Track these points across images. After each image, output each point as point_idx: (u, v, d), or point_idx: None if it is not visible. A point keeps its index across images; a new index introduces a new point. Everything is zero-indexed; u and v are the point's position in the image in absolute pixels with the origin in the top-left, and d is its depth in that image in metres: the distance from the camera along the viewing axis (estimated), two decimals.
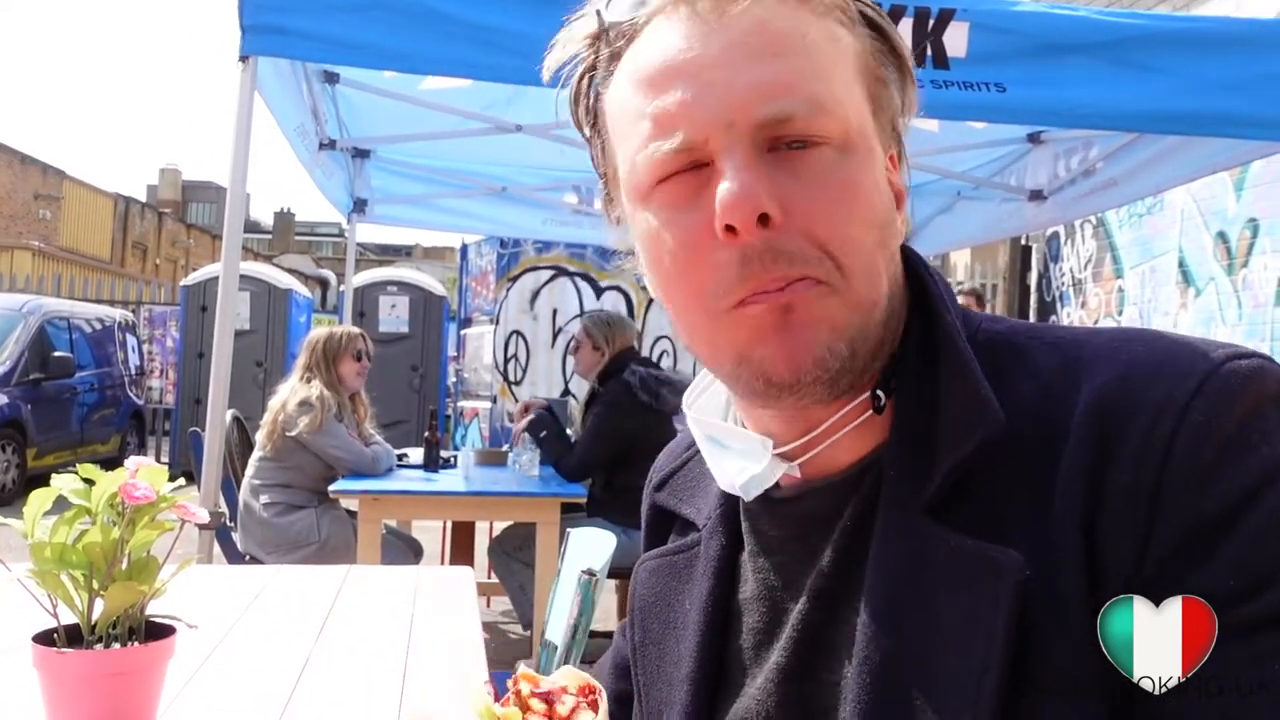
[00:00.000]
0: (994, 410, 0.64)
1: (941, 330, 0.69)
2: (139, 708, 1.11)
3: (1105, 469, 0.59)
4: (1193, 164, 3.98)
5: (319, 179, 4.82)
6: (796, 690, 0.70)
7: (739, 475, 0.73)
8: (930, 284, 0.71)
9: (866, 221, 0.65)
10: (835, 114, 0.64)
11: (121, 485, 1.06)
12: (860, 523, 0.69)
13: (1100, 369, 0.63)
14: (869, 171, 0.66)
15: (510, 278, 9.10)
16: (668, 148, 0.65)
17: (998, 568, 0.60)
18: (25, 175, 24.49)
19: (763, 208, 0.62)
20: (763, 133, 0.64)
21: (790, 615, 0.72)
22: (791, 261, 0.63)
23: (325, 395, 4.18)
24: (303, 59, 3.62)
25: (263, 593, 1.91)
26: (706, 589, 0.78)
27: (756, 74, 0.63)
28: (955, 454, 0.64)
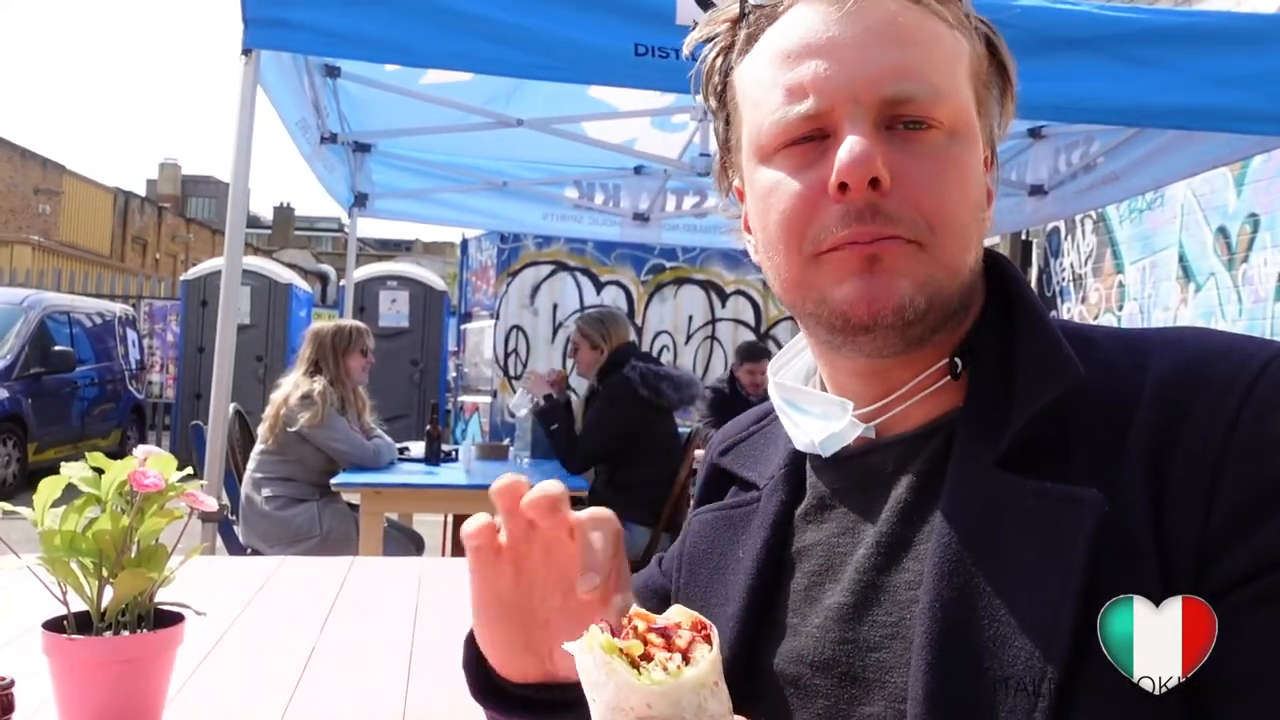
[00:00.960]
0: (1074, 364, 0.69)
1: (1023, 302, 0.75)
2: (148, 694, 1.11)
3: (1175, 436, 0.64)
4: (1193, 159, 3.98)
5: (320, 173, 4.83)
6: (852, 630, 0.73)
7: (819, 434, 0.79)
8: (1009, 268, 0.79)
9: (964, 200, 0.72)
10: (950, 102, 0.72)
11: (131, 473, 1.07)
12: (927, 479, 0.74)
13: (1168, 353, 0.69)
14: (972, 158, 0.73)
15: (510, 272, 9.09)
16: (797, 111, 0.72)
17: (1080, 502, 0.63)
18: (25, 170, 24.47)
19: (875, 171, 0.68)
20: (886, 109, 0.70)
21: (850, 561, 0.76)
22: (888, 221, 0.69)
23: (328, 389, 4.19)
24: (305, 52, 3.62)
25: (268, 583, 1.92)
26: (762, 539, 0.82)
27: (886, 57, 0.70)
28: (1035, 404, 0.68)
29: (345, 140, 5.10)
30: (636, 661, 0.60)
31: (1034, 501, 0.65)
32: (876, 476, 0.77)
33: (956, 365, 0.75)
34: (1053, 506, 0.64)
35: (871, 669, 0.71)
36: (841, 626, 0.74)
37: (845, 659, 0.73)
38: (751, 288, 9.48)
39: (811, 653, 0.75)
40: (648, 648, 0.61)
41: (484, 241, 9.76)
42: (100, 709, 1.08)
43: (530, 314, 9.12)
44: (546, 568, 0.77)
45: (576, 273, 9.17)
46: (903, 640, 0.69)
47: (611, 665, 0.59)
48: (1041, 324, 0.73)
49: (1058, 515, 0.64)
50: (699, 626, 0.64)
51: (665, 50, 2.87)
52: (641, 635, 0.62)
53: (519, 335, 9.14)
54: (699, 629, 0.64)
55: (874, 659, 0.71)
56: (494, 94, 4.62)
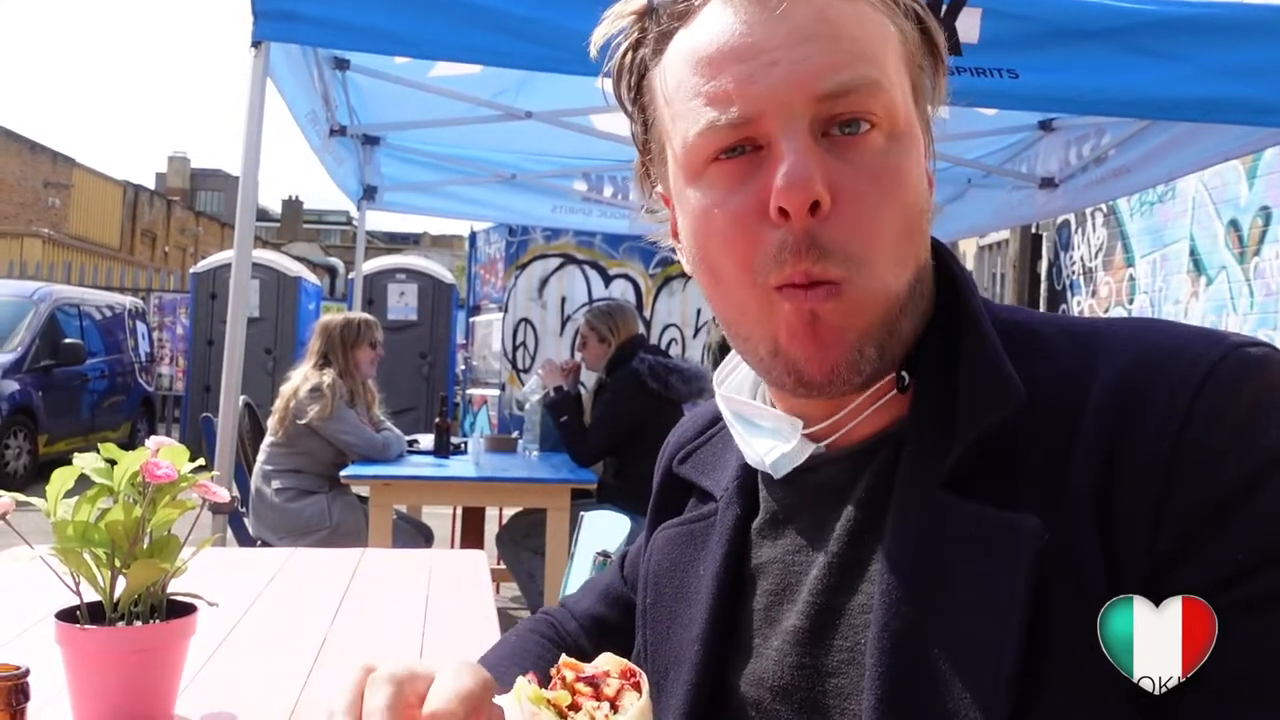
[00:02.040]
0: (1016, 386, 0.66)
1: (966, 312, 0.71)
2: (161, 684, 1.12)
3: (1121, 446, 0.61)
4: (1205, 151, 3.96)
5: (329, 166, 4.83)
6: (809, 655, 0.72)
7: (769, 454, 0.76)
8: (956, 269, 0.74)
9: (904, 209, 0.68)
10: (886, 95, 0.67)
11: (143, 464, 1.07)
12: (875, 494, 0.71)
13: (1115, 353, 0.65)
14: (914, 158, 0.69)
15: (519, 265, 9.09)
16: (725, 119, 0.66)
17: (1017, 532, 0.61)
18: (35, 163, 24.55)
19: (814, 194, 0.64)
20: (822, 109, 0.65)
21: (805, 581, 0.74)
22: (820, 257, 0.65)
23: (337, 382, 4.20)
24: (314, 44, 3.62)
25: (279, 574, 1.93)
26: (720, 555, 0.80)
27: (816, 55, 0.65)
28: (975, 428, 0.65)
29: (354, 133, 5.10)
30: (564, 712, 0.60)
31: (975, 528, 0.63)
32: (825, 492, 0.75)
33: (904, 380, 0.71)
34: (993, 534, 0.62)
35: (831, 695, 0.70)
36: (799, 651, 0.72)
37: (805, 684, 0.71)
38: None
39: (771, 677, 0.73)
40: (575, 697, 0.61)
41: (492, 234, 9.76)
42: (113, 699, 1.08)
43: (539, 307, 9.13)
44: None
45: (585, 266, 9.17)
46: (858, 666, 0.68)
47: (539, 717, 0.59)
48: (982, 338, 0.69)
49: (998, 543, 0.62)
50: (628, 674, 0.64)
51: None
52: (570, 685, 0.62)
53: (527, 328, 9.15)
54: (628, 676, 0.64)
55: (832, 685, 0.70)
56: (503, 87, 4.61)
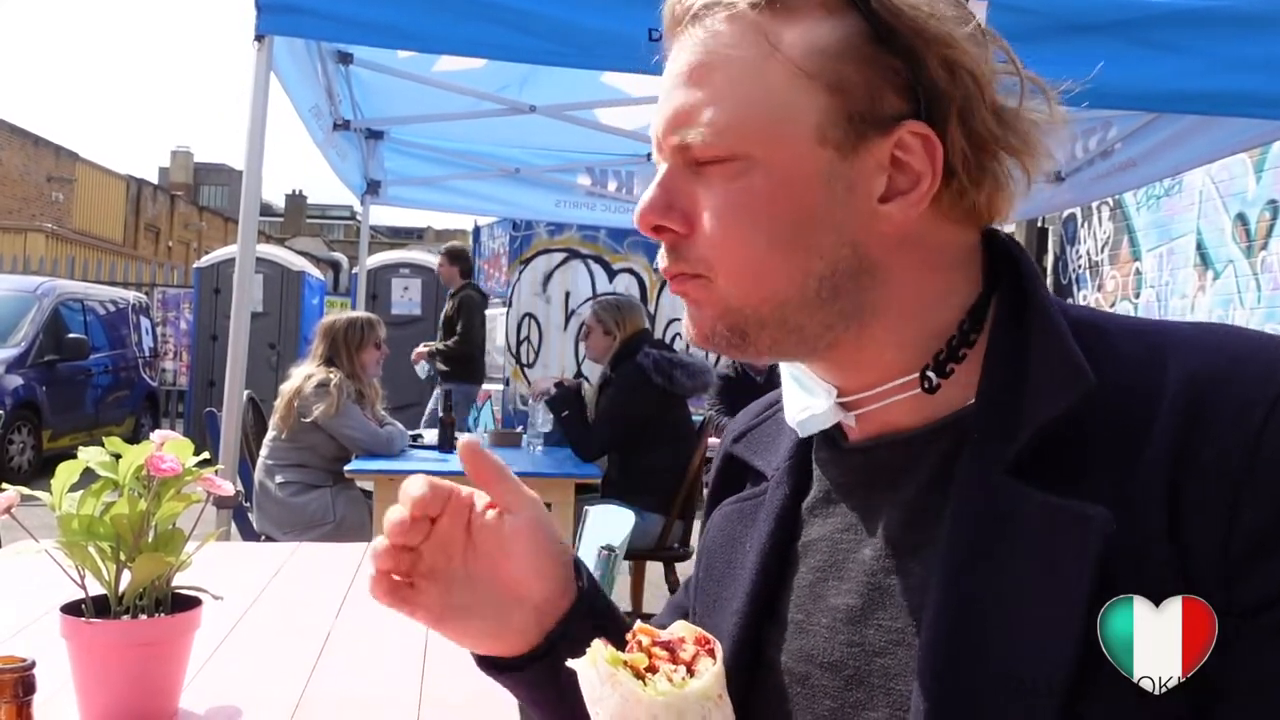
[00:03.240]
0: (1086, 372, 0.66)
1: (1034, 303, 0.72)
2: (166, 677, 1.12)
3: (1194, 450, 0.61)
4: (1212, 145, 3.95)
5: (333, 160, 4.83)
6: (859, 633, 0.72)
7: (800, 413, 0.79)
8: (1025, 265, 0.75)
9: (757, 230, 0.71)
10: (736, 135, 0.70)
11: (148, 458, 1.07)
12: (935, 479, 0.71)
13: (1187, 354, 0.65)
14: (776, 181, 0.70)
15: (523, 260, 9.09)
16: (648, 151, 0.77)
17: (1085, 520, 0.61)
18: (38, 158, 24.58)
19: (653, 221, 0.74)
20: (679, 155, 0.73)
21: (856, 561, 0.75)
22: (680, 259, 0.74)
23: (344, 381, 4.19)
24: (317, 38, 3.62)
25: (283, 569, 1.92)
26: (766, 532, 0.82)
27: (674, 103, 0.73)
28: (1045, 414, 0.66)
29: (358, 127, 5.09)
30: (641, 674, 0.61)
31: (1041, 515, 0.63)
32: (880, 474, 0.76)
33: (931, 380, 0.72)
34: (1059, 522, 0.62)
35: (876, 674, 0.70)
36: (849, 629, 0.73)
37: (853, 662, 0.72)
38: None
39: (821, 653, 0.74)
40: (652, 660, 0.62)
41: (496, 229, 9.76)
42: (118, 692, 1.08)
43: (543, 302, 9.13)
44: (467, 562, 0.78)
45: (589, 260, 9.16)
46: (907, 648, 0.68)
47: (616, 677, 0.59)
48: (1050, 323, 0.70)
49: (1065, 530, 0.62)
50: (703, 641, 0.65)
51: None
52: (646, 649, 0.63)
53: (531, 323, 9.15)
54: (703, 644, 0.65)
55: (879, 664, 0.70)
56: (507, 81, 4.61)
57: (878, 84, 0.69)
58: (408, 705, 1.24)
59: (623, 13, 2.88)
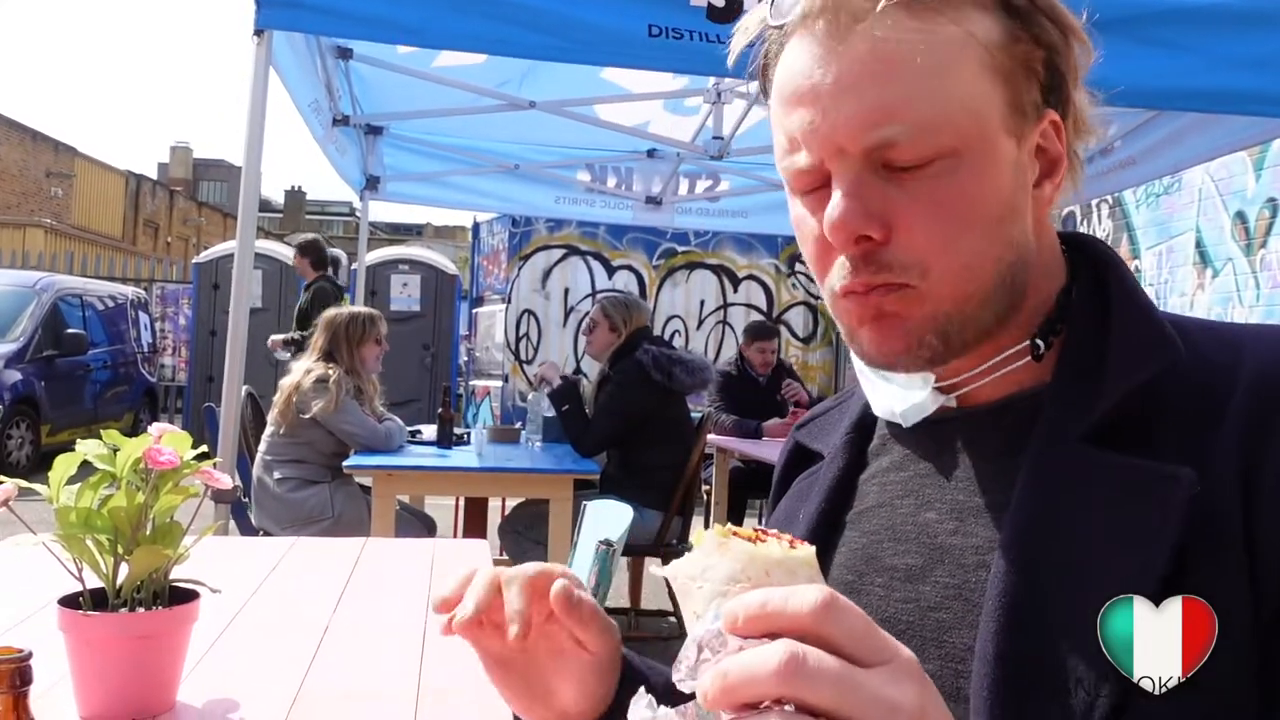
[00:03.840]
0: (1175, 343, 0.69)
1: (1120, 284, 0.75)
2: (163, 670, 1.12)
3: (1266, 440, 0.63)
4: (1212, 142, 3.94)
5: (332, 155, 4.83)
6: (914, 589, 0.74)
7: (900, 403, 0.79)
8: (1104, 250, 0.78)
9: (972, 224, 0.71)
10: (944, 130, 0.69)
11: (146, 450, 1.07)
12: (1006, 449, 0.73)
13: (1262, 347, 0.68)
14: (984, 173, 0.71)
15: (522, 256, 9.09)
16: (796, 165, 0.73)
17: (1173, 480, 0.62)
18: (37, 153, 24.54)
19: (857, 232, 0.69)
20: (871, 157, 0.69)
21: (916, 523, 0.77)
22: (882, 268, 0.70)
23: (343, 376, 4.19)
24: (317, 33, 3.62)
25: (281, 563, 1.92)
26: (817, 505, 0.85)
27: (864, 102, 0.68)
28: (1131, 380, 0.68)
29: (357, 123, 5.09)
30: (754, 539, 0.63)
31: (1123, 477, 0.64)
32: (948, 445, 0.78)
33: (1039, 346, 0.74)
34: (1143, 482, 0.63)
35: (930, 628, 0.72)
36: (906, 587, 0.75)
37: (906, 617, 0.74)
38: (764, 272, 9.46)
39: (876, 611, 0.75)
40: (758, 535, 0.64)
41: (495, 225, 9.76)
42: (116, 685, 1.08)
43: (542, 298, 9.13)
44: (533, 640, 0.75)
45: (588, 257, 9.16)
46: (964, 601, 0.70)
47: (729, 544, 0.61)
48: (1141, 301, 0.73)
49: (1148, 492, 0.63)
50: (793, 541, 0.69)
51: (679, 31, 2.85)
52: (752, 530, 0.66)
53: (530, 319, 9.14)
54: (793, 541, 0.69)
55: (933, 618, 0.72)
56: (506, 76, 4.61)
57: (1030, 73, 0.73)
58: (406, 698, 1.24)
59: (623, 8, 2.88)
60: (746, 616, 0.51)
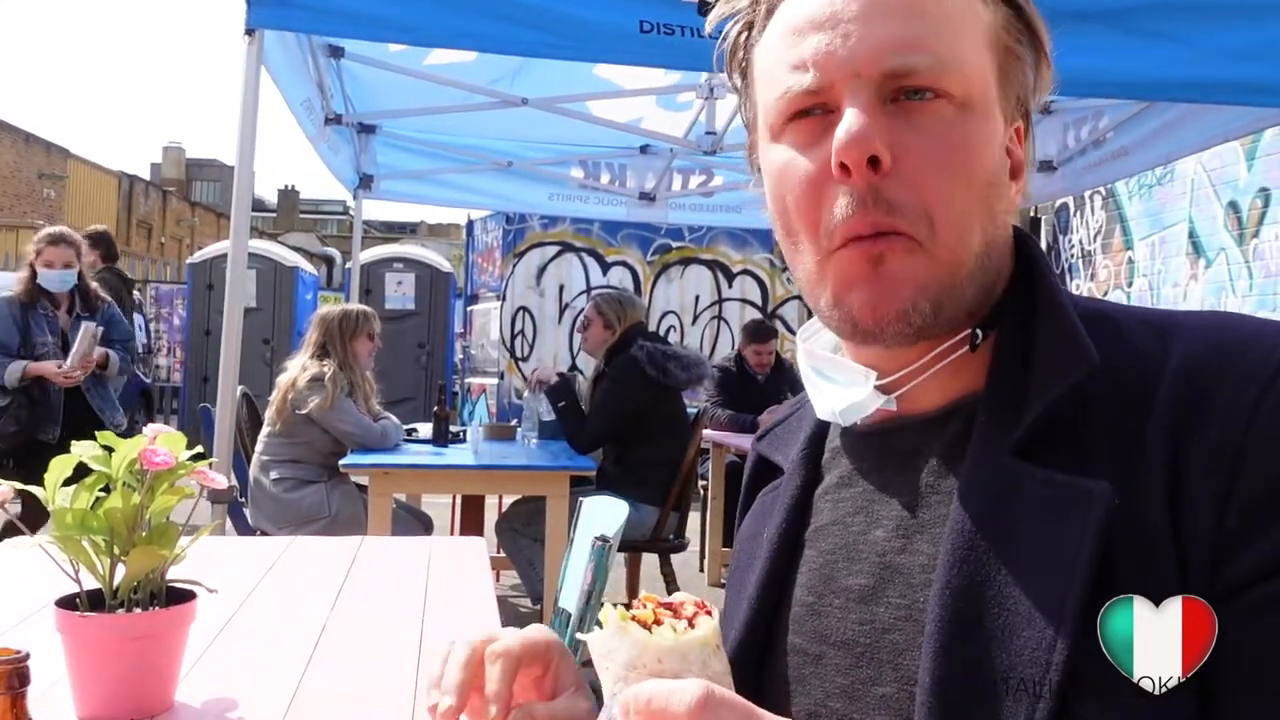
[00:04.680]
0: (1089, 352, 0.68)
1: (1043, 288, 0.74)
2: (161, 671, 1.12)
3: (1192, 429, 0.62)
4: (1204, 133, 3.96)
5: (325, 154, 4.82)
6: (869, 610, 0.74)
7: (839, 403, 0.79)
8: (1036, 253, 0.77)
9: (971, 179, 0.70)
10: (960, 73, 0.70)
11: (141, 451, 1.07)
12: (946, 461, 0.74)
13: (1191, 336, 0.67)
14: (983, 133, 0.71)
15: (516, 254, 9.09)
16: (798, 87, 0.72)
17: (1087, 496, 0.62)
18: (29, 154, 24.46)
19: (872, 150, 0.67)
20: (888, 83, 0.69)
21: (867, 542, 0.77)
22: (889, 210, 0.69)
23: (338, 373, 4.19)
24: (308, 32, 3.61)
25: (277, 562, 1.93)
26: (778, 522, 0.84)
27: (889, 30, 0.69)
28: (1048, 394, 0.67)
29: (350, 121, 5.08)
30: (649, 626, 0.67)
31: (1045, 492, 0.65)
32: (893, 457, 0.78)
33: (976, 336, 0.74)
34: (1062, 498, 0.64)
35: (885, 650, 0.72)
36: (860, 608, 0.75)
37: (864, 639, 0.74)
38: (758, 267, 9.47)
39: (834, 632, 0.76)
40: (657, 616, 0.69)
41: (489, 223, 9.75)
42: (113, 686, 1.08)
43: (536, 295, 9.13)
44: None
45: (583, 253, 9.16)
46: (914, 623, 0.70)
47: (626, 629, 0.66)
48: (1057, 307, 0.72)
49: (1067, 508, 0.63)
50: (701, 605, 0.72)
51: (671, 27, 2.85)
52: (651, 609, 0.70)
53: (525, 316, 9.14)
54: (701, 606, 0.72)
55: (888, 640, 0.72)
56: (499, 73, 4.60)
57: (1015, 68, 0.75)
58: (404, 697, 1.24)
59: (614, 4, 2.88)
60: (635, 711, 0.58)
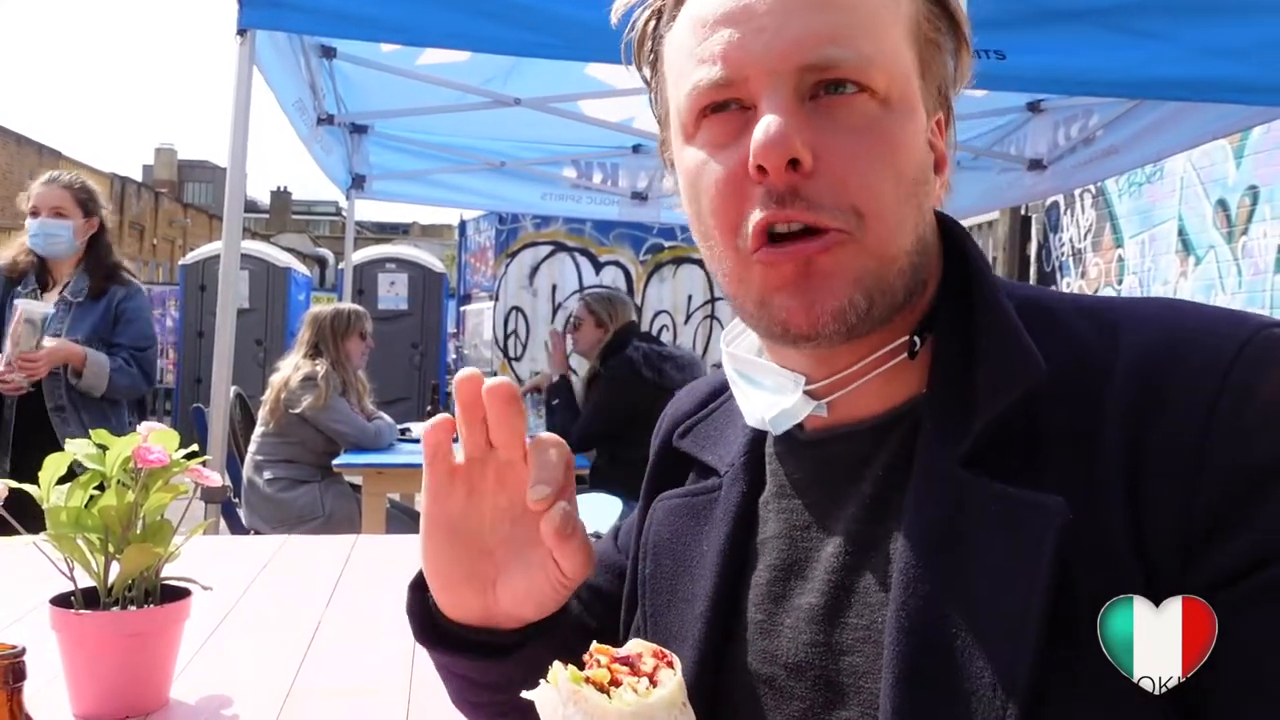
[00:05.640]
0: (1036, 361, 0.65)
1: (981, 286, 0.71)
2: (156, 668, 1.12)
3: (1148, 426, 0.60)
4: (1193, 131, 3.97)
5: (318, 155, 4.81)
6: (824, 632, 0.71)
7: (769, 410, 0.75)
8: (969, 247, 0.74)
9: (897, 174, 0.67)
10: (881, 68, 0.66)
11: (135, 449, 1.07)
12: (892, 471, 0.70)
13: (1138, 330, 0.65)
14: (907, 127, 0.68)
15: (509, 253, 9.08)
16: (707, 80, 0.68)
17: (1040, 511, 0.60)
18: (21, 156, 24.36)
19: (793, 152, 0.64)
20: (806, 77, 0.65)
21: (817, 557, 0.73)
22: (810, 207, 0.65)
23: (330, 372, 4.20)
24: (300, 32, 3.60)
25: (272, 561, 1.93)
26: (725, 532, 0.79)
27: (807, 23, 0.65)
28: (996, 404, 0.64)
29: (342, 122, 5.07)
30: (605, 688, 0.61)
31: (997, 506, 0.62)
32: (837, 467, 0.74)
33: (915, 343, 0.70)
34: (1015, 514, 0.61)
35: (845, 673, 0.69)
36: (813, 629, 0.71)
37: (819, 662, 0.70)
38: None
39: (785, 654, 0.72)
40: (614, 675, 0.63)
41: (482, 223, 9.75)
42: (108, 682, 1.09)
43: (529, 295, 9.12)
44: (497, 493, 0.78)
45: (575, 253, 9.16)
46: (874, 645, 0.67)
47: (580, 693, 0.60)
48: (998, 312, 0.68)
49: (1020, 523, 0.61)
50: (660, 655, 0.66)
51: None
52: (606, 666, 0.64)
53: (518, 316, 9.14)
54: (660, 656, 0.66)
55: (847, 663, 0.69)
56: (491, 74, 4.60)
57: (936, 60, 0.72)
58: (398, 693, 1.25)
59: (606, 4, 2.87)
60: None
